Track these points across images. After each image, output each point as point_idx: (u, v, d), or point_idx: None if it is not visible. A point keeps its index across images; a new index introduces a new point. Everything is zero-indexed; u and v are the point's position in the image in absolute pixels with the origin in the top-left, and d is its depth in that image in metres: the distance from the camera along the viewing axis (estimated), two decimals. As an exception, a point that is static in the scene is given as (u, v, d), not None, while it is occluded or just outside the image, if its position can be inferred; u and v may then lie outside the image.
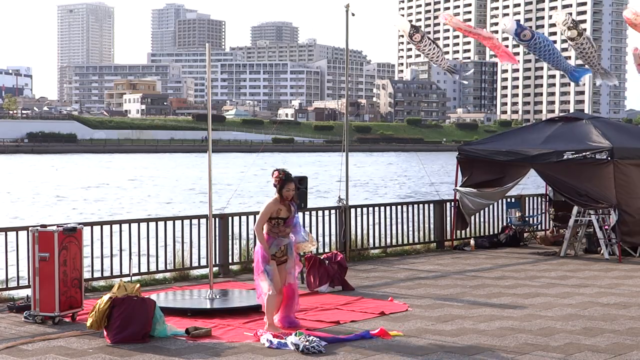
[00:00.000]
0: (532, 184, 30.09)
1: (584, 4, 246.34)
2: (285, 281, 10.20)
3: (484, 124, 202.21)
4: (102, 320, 9.54)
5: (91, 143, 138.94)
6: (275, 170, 10.19)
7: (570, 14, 16.42)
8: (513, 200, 19.47)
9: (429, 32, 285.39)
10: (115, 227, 13.44)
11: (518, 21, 16.36)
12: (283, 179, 10.04)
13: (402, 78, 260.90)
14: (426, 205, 18.09)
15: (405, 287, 13.17)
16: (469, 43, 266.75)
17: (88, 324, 9.70)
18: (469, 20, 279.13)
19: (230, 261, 14.49)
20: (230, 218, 14.55)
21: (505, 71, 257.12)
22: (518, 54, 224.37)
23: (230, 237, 14.34)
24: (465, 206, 17.88)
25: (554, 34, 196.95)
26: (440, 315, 11.03)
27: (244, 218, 14.85)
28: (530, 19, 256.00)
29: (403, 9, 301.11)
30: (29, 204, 42.94)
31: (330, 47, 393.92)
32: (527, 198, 19.80)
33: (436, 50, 16.24)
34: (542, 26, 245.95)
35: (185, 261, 14.15)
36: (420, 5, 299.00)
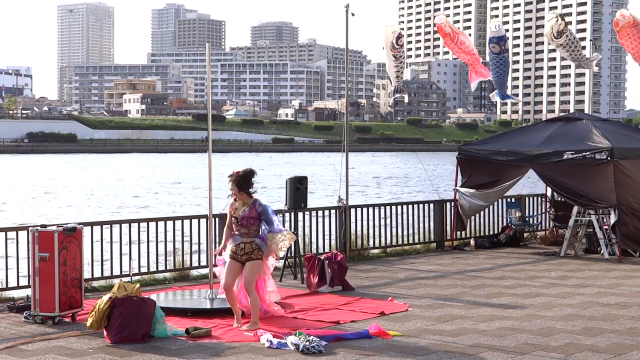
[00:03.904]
0: (529, 183, 30.09)
1: (584, 4, 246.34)
2: (236, 283, 10.30)
3: (484, 124, 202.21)
4: (102, 320, 9.54)
5: (91, 143, 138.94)
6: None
7: (562, 15, 16.89)
8: (513, 200, 19.47)
9: (428, 32, 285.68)
10: (115, 227, 13.44)
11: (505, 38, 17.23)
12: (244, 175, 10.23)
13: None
14: (426, 205, 18.08)
15: (405, 287, 13.17)
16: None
17: (88, 324, 9.70)
18: (469, 20, 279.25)
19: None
20: (230, 218, 14.55)
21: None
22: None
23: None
24: (462, 207, 17.89)
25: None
26: (440, 315, 11.03)
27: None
28: (530, 19, 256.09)
29: (403, 9, 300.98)
30: (71, 203, 43.43)
31: (330, 47, 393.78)
32: (527, 198, 19.80)
33: (403, 64, 16.78)
34: (542, 26, 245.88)
35: (185, 261, 14.15)
36: (420, 5, 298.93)
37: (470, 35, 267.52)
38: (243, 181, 10.15)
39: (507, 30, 16.95)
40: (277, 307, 10.90)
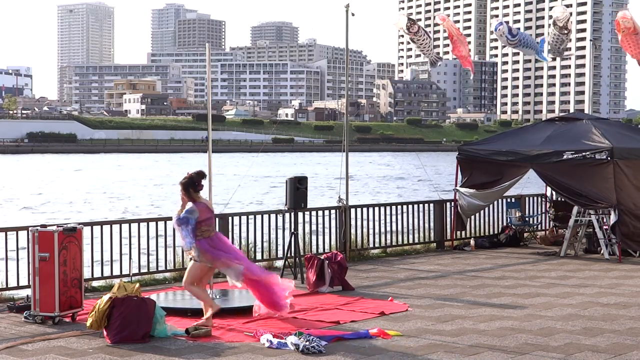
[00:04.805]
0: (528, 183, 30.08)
1: (584, 4, 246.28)
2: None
3: (484, 124, 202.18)
4: (102, 320, 9.55)
5: (91, 143, 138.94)
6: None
7: (571, 13, 17.14)
8: (513, 200, 19.47)
9: (429, 32, 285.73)
10: (115, 227, 13.44)
11: (507, 22, 17.44)
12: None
13: (402, 78, 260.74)
14: (426, 205, 18.08)
15: (405, 287, 13.17)
16: (469, 43, 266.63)
17: (88, 324, 9.71)
18: (469, 20, 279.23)
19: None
20: (230, 218, 14.56)
21: (505, 71, 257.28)
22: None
23: (230, 237, 14.32)
24: (462, 207, 17.90)
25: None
26: (440, 315, 11.03)
27: (244, 218, 14.87)
28: (530, 19, 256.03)
29: (403, 8, 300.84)
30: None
31: (330, 47, 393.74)
32: (527, 198, 19.80)
33: (428, 41, 17.03)
34: (542, 26, 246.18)
35: (185, 261, 14.13)
36: (420, 5, 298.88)
37: (470, 35, 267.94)
38: (188, 183, 10.24)
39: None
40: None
